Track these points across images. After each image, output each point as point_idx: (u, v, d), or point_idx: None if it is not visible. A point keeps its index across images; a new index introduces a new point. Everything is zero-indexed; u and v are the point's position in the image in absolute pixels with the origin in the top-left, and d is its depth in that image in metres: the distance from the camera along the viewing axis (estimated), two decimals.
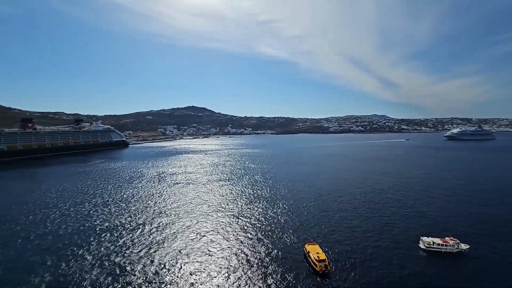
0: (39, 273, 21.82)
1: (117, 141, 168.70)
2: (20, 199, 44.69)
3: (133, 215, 36.31)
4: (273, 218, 34.67)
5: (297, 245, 26.78)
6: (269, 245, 26.86)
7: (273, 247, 26.28)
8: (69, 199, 44.59)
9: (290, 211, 37.64)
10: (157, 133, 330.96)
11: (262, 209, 38.46)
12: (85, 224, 33.14)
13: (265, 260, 23.76)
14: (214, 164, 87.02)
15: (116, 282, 20.46)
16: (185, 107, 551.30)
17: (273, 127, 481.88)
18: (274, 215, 36.01)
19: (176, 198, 44.81)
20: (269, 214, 36.24)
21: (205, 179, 60.44)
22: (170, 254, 25.07)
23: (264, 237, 28.84)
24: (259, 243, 27.34)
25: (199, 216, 35.65)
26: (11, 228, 31.82)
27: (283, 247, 26.47)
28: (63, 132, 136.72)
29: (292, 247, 26.49)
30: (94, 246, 26.90)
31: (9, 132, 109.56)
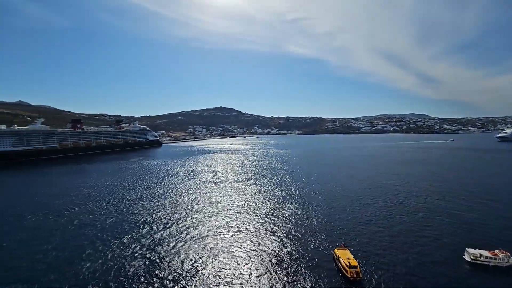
0: (82, 258, 23.99)
1: (151, 141, 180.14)
2: (69, 192, 49.88)
3: (165, 210, 38.22)
4: (301, 220, 33.81)
5: (327, 249, 25.68)
6: (297, 247, 26.17)
7: (301, 250, 25.55)
8: (111, 193, 48.54)
9: (320, 213, 36.37)
10: (187, 133, 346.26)
11: (290, 210, 37.76)
12: (123, 217, 35.72)
13: (292, 263, 23.17)
14: (241, 163, 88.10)
15: (147, 271, 21.61)
16: (214, 108, 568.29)
17: (300, 127, 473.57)
18: (303, 216, 35.10)
19: (205, 196, 46.14)
20: (297, 215, 35.43)
21: (233, 178, 61.38)
22: (197, 249, 25.78)
23: (292, 238, 28.20)
24: (287, 244, 26.79)
25: (227, 214, 36.21)
26: (61, 217, 35.57)
27: (312, 250, 25.59)
28: (106, 132, 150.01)
29: (321, 250, 25.47)
30: (130, 237, 28.80)
31: (61, 132, 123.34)
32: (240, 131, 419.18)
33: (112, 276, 21.37)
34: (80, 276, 21.34)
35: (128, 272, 21.93)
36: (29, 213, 36.97)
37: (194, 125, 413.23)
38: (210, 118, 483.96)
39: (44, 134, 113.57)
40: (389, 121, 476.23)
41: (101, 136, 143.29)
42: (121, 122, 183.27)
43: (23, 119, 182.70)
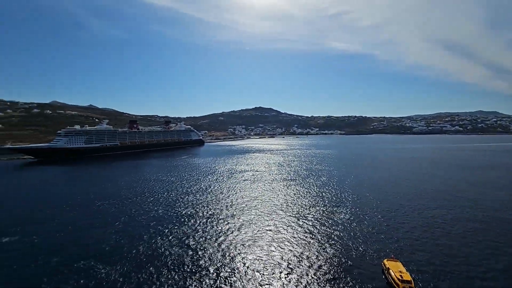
0: (137, 243, 26.63)
1: (195, 140, 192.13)
2: (129, 184, 56.25)
3: (208, 205, 40.11)
4: (344, 224, 31.76)
5: (374, 258, 23.52)
6: (339, 253, 24.58)
7: (344, 257, 23.90)
8: (161, 187, 53.12)
9: (365, 219, 33.65)
10: (228, 133, 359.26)
11: (331, 214, 35.83)
12: (171, 209, 38.67)
13: (334, 270, 21.80)
14: (279, 163, 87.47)
15: (189, 261, 22.84)
16: (253, 108, 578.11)
17: (342, 127, 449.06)
18: (346, 221, 32.94)
19: (245, 194, 46.98)
20: (339, 220, 33.42)
21: (272, 178, 61.25)
22: (235, 245, 26.26)
23: (333, 244, 26.62)
24: (328, 250, 25.38)
25: (265, 213, 36.20)
26: (122, 205, 40.24)
27: (356, 258, 23.71)
28: (157, 131, 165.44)
29: (367, 260, 23.41)
30: (176, 228, 30.95)
31: (121, 131, 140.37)
32: (279, 131, 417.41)
33: (158, 261, 23.21)
34: (133, 257, 23.73)
35: (172, 259, 23.55)
36: (98, 201, 42.82)
37: (234, 125, 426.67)
38: (249, 118, 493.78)
39: (108, 133, 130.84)
40: (449, 120, 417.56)
41: (153, 135, 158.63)
42: (169, 122, 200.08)
43: (92, 120, 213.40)
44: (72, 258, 24.02)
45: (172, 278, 20.97)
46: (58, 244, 27.16)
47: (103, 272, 21.78)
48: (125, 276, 21.23)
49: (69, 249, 26.01)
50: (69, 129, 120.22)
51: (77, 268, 22.36)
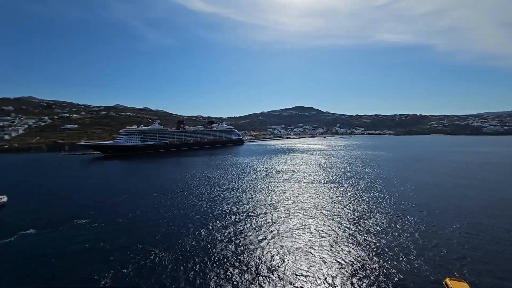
0: (182, 234, 28.66)
1: (235, 139, 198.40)
2: (175, 179, 61.12)
3: (247, 203, 40.94)
4: (394, 234, 28.88)
5: (433, 276, 20.79)
6: (389, 266, 22.41)
7: (395, 271, 21.70)
8: (204, 183, 56.30)
9: (420, 230, 30.05)
10: (267, 133, 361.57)
11: (381, 222, 32.93)
12: (213, 204, 40.62)
13: (383, 286, 19.93)
14: (320, 164, 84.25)
15: (226, 256, 23.52)
16: (293, 108, 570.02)
17: (392, 126, 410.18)
18: (396, 230, 29.92)
19: (284, 194, 46.55)
20: (388, 228, 30.52)
21: (312, 179, 59.38)
22: (273, 245, 26.10)
23: (382, 255, 24.41)
24: (375, 261, 23.37)
25: (305, 215, 35.25)
26: (171, 198, 43.90)
27: (410, 273, 21.29)
28: (201, 131, 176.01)
29: (425, 277, 20.81)
30: (216, 223, 32.33)
31: (170, 131, 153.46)
32: (320, 130, 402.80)
33: (202, 252, 24.56)
34: (181, 246, 25.61)
35: (214, 252, 24.64)
36: (152, 193, 47.59)
37: (274, 124, 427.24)
38: (289, 118, 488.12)
39: (160, 133, 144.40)
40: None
41: (197, 134, 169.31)
42: (212, 122, 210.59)
43: (146, 121, 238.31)
44: (132, 241, 27.21)
45: (213, 269, 21.96)
46: (121, 228, 31.02)
47: (157, 256, 24.13)
48: (173, 261, 23.11)
49: (129, 233, 29.50)
50: (128, 129, 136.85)
51: (136, 250, 25.28)
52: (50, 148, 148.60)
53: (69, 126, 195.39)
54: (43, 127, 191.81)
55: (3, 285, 20.40)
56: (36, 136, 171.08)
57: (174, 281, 20.53)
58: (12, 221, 34.17)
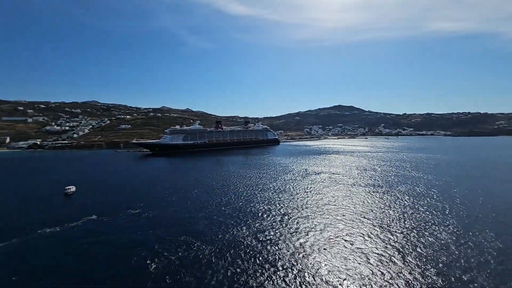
0: (220, 229, 29.70)
1: (271, 139, 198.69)
2: (213, 176, 63.88)
3: (282, 203, 40.55)
4: (447, 247, 25.49)
5: None
6: (442, 284, 19.78)
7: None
8: (241, 182, 57.62)
9: (479, 244, 25.90)
10: (303, 133, 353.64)
11: (438, 235, 29.37)
12: (248, 202, 41.25)
13: None
14: (362, 167, 78.97)
15: (260, 254, 23.48)
16: (331, 107, 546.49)
17: (448, 126, 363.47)
18: (450, 243, 26.34)
19: (321, 196, 44.88)
20: (441, 240, 27.04)
21: (351, 182, 56.02)
22: (307, 248, 25.27)
23: (432, 270, 21.74)
24: (425, 275, 20.89)
25: (342, 219, 33.39)
26: (209, 194, 45.99)
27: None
28: (237, 131, 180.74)
29: None
30: (252, 221, 32.67)
31: (209, 131, 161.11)
32: (361, 131, 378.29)
33: (237, 247, 25.07)
34: (218, 240, 26.59)
35: (249, 249, 24.92)
36: (193, 188, 50.60)
37: (310, 124, 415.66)
38: (326, 117, 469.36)
39: (199, 132, 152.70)
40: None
41: (234, 134, 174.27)
42: (248, 122, 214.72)
43: (188, 121, 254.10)
44: (175, 233, 29.31)
45: (247, 266, 22.24)
46: (166, 221, 33.66)
47: (198, 248, 25.58)
48: (212, 255, 24.12)
49: (173, 225, 31.82)
50: (172, 129, 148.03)
51: (179, 241, 27.19)
52: (109, 146, 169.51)
53: (124, 126, 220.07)
54: (103, 127, 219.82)
55: (72, 258, 23.82)
56: (98, 135, 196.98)
57: (213, 272, 21.39)
58: (79, 207, 39.81)
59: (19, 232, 30.04)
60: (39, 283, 20.52)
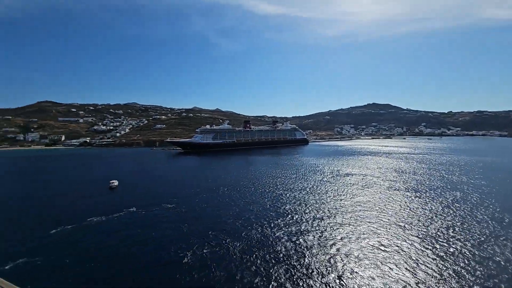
0: (248, 228, 29.90)
1: (299, 139, 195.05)
2: (242, 175, 64.80)
3: (310, 205, 39.44)
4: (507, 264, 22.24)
5: None
6: None
7: None
8: (268, 181, 57.57)
9: None
10: (334, 132, 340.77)
11: (483, 245, 26.01)
12: (276, 202, 40.92)
13: None
14: (399, 169, 73.34)
15: (290, 256, 22.98)
16: (364, 105, 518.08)
17: (505, 125, 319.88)
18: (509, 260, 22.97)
19: (352, 198, 42.69)
20: (499, 255, 23.73)
21: (387, 186, 52.31)
22: (339, 253, 24.06)
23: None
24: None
25: (376, 224, 31.27)
26: (237, 193, 46.75)
27: None
28: (265, 130, 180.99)
29: None
30: (281, 222, 32.30)
31: (237, 130, 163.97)
32: (399, 130, 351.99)
33: (266, 247, 24.97)
34: (247, 238, 26.82)
35: (277, 250, 24.66)
36: (222, 186, 51.98)
37: (341, 124, 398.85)
38: (359, 116, 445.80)
39: (228, 132, 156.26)
40: None
41: (262, 134, 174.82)
42: (276, 122, 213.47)
43: (218, 121, 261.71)
44: (206, 228, 30.34)
45: (275, 267, 21.99)
46: (197, 216, 35.06)
47: (227, 243, 26.14)
48: (241, 252, 24.42)
49: (204, 221, 33.00)
50: (202, 128, 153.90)
51: (210, 236, 28.09)
52: (146, 144, 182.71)
53: (159, 126, 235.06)
54: (141, 127, 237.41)
55: (114, 245, 26.05)
56: (137, 134, 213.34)
57: (242, 270, 21.63)
58: (121, 200, 43.44)
59: (72, 220, 33.82)
60: (87, 265, 22.80)
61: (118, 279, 20.82)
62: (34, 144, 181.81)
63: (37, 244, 27.16)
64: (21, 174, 76.54)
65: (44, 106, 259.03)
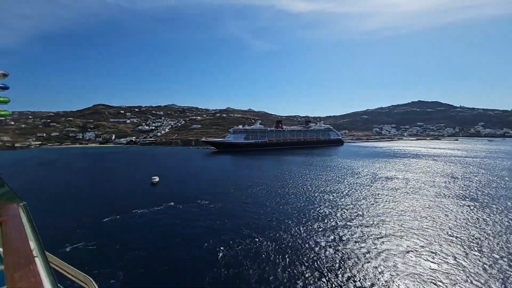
0: (281, 228, 29.58)
1: (334, 139, 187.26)
2: (274, 175, 64.55)
3: (346, 209, 37.40)
4: None
5: None
6: None
7: None
8: (301, 182, 56.39)
9: None
10: (372, 133, 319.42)
11: None
12: (309, 205, 39.74)
13: None
14: (450, 174, 65.49)
15: (318, 261, 21.99)
16: (408, 103, 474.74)
17: None
18: None
19: (393, 205, 39.36)
20: None
21: (435, 192, 47.09)
22: (374, 262, 22.22)
23: None
24: None
25: (424, 236, 28.24)
26: (269, 193, 46.68)
27: None
28: (297, 130, 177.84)
29: None
30: (314, 225, 31.24)
31: (269, 130, 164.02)
32: (449, 131, 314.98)
33: (299, 249, 24.36)
34: (280, 239, 26.56)
35: (311, 253, 23.88)
36: (254, 186, 52.57)
37: (381, 124, 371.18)
38: (402, 115, 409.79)
39: (260, 132, 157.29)
40: None
41: (294, 134, 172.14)
42: (309, 122, 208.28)
43: (250, 121, 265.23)
44: (239, 226, 30.91)
45: (307, 270, 21.30)
46: (230, 213, 35.95)
47: (259, 242, 26.26)
48: (273, 252, 24.26)
49: (237, 218, 33.70)
50: (235, 128, 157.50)
51: (242, 234, 28.55)
52: (183, 143, 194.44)
53: (195, 126, 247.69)
54: (179, 127, 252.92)
55: (155, 235, 28.09)
56: (175, 133, 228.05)
57: (274, 269, 21.48)
58: (161, 195, 46.74)
59: (120, 211, 37.48)
60: (132, 252, 24.98)
61: (159, 267, 22.37)
62: (90, 142, 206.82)
63: (92, 230, 30.71)
64: (84, 169, 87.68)
65: (99, 108, 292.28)
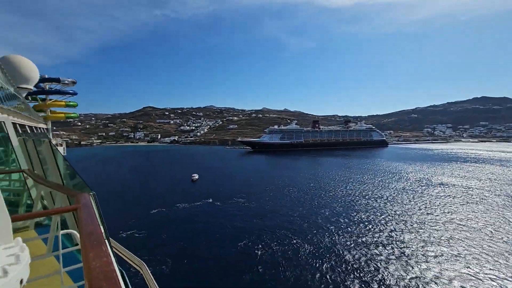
0: (316, 232, 28.76)
1: (377, 140, 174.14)
2: (309, 177, 63.02)
3: (390, 216, 34.54)
4: None
5: None
6: None
7: None
8: (339, 185, 53.94)
9: None
10: (422, 134, 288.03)
11: None
12: (348, 209, 37.77)
13: None
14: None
15: (361, 268, 20.61)
16: (468, 100, 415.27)
17: None
18: None
19: (449, 215, 34.99)
20: None
21: (502, 202, 40.41)
22: (425, 280, 19.92)
23: None
24: None
25: (486, 252, 24.46)
26: (304, 195, 45.77)
27: None
28: (336, 130, 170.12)
29: None
30: (353, 231, 29.57)
31: (305, 130, 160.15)
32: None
33: (335, 255, 23.37)
34: (315, 243, 25.92)
35: (349, 261, 22.70)
36: (289, 187, 52.17)
37: (434, 123, 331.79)
38: (460, 114, 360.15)
39: (296, 132, 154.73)
40: None
41: (332, 134, 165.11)
42: (349, 121, 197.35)
43: (285, 121, 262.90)
44: (275, 226, 31.08)
45: (345, 278, 20.28)
46: (266, 212, 36.35)
47: (296, 244, 26.07)
48: (311, 254, 23.77)
49: (272, 218, 33.92)
50: (270, 128, 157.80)
51: (279, 234, 28.64)
52: (220, 143, 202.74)
53: (232, 126, 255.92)
54: (217, 127, 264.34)
55: (196, 228, 29.92)
56: (213, 133, 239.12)
57: (312, 273, 21.04)
58: (200, 192, 49.50)
59: (165, 204, 40.90)
60: (176, 243, 27.02)
61: (199, 259, 23.79)
62: (140, 141, 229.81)
63: (142, 221, 34.15)
64: (134, 166, 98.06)
65: (147, 110, 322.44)
